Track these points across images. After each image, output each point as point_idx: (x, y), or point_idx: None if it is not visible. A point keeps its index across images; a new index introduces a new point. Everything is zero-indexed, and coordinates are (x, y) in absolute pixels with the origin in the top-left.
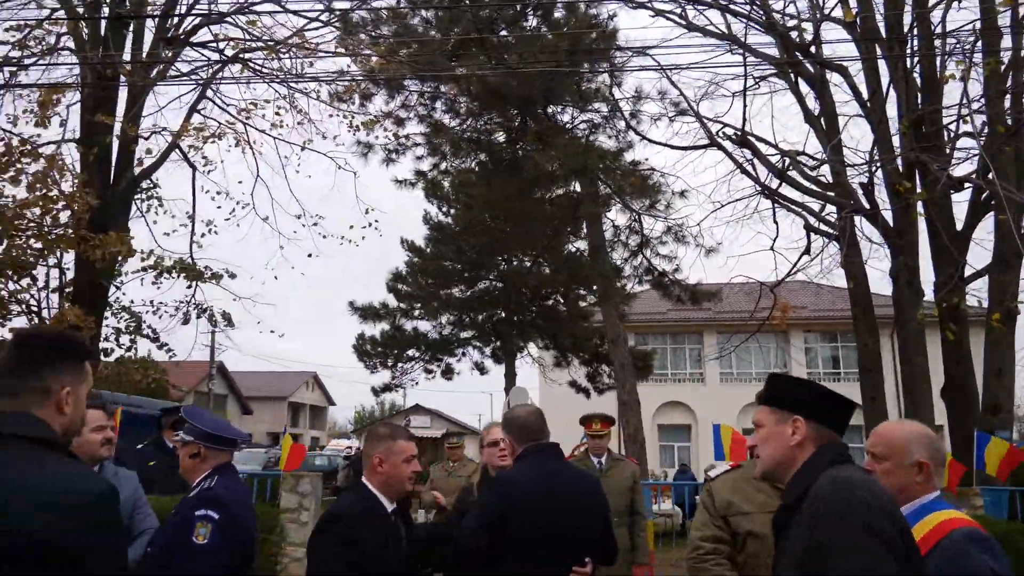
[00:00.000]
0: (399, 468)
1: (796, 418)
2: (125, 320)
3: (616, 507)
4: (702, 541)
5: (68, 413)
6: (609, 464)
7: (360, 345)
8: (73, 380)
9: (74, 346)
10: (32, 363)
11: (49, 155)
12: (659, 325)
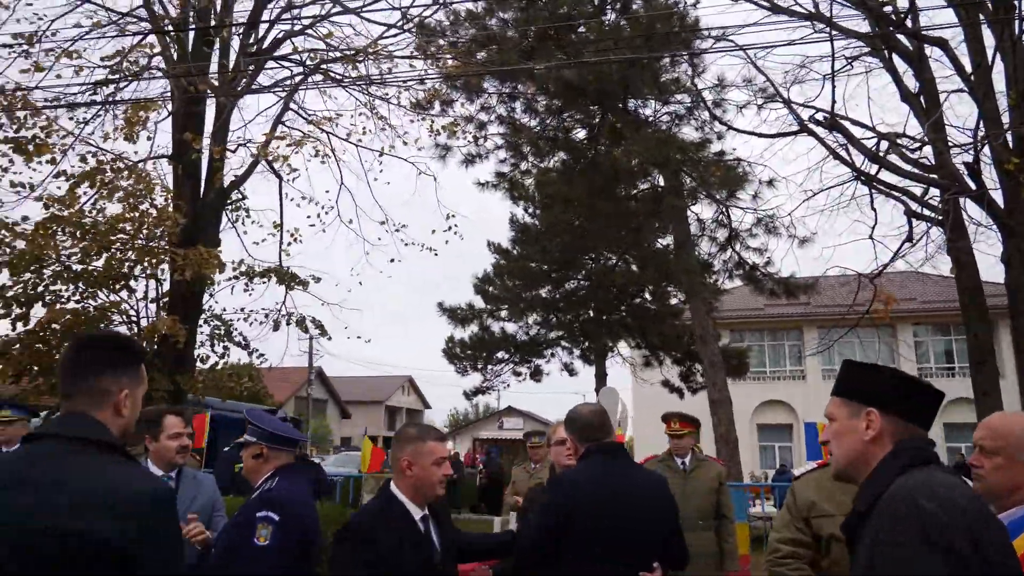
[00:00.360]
0: (428, 471)
1: (870, 411)
2: (215, 327)
3: (700, 509)
4: (780, 543)
5: (125, 415)
6: (693, 465)
7: (450, 348)
8: (131, 383)
9: (130, 349)
10: (89, 366)
11: (140, 170)
12: (755, 321)
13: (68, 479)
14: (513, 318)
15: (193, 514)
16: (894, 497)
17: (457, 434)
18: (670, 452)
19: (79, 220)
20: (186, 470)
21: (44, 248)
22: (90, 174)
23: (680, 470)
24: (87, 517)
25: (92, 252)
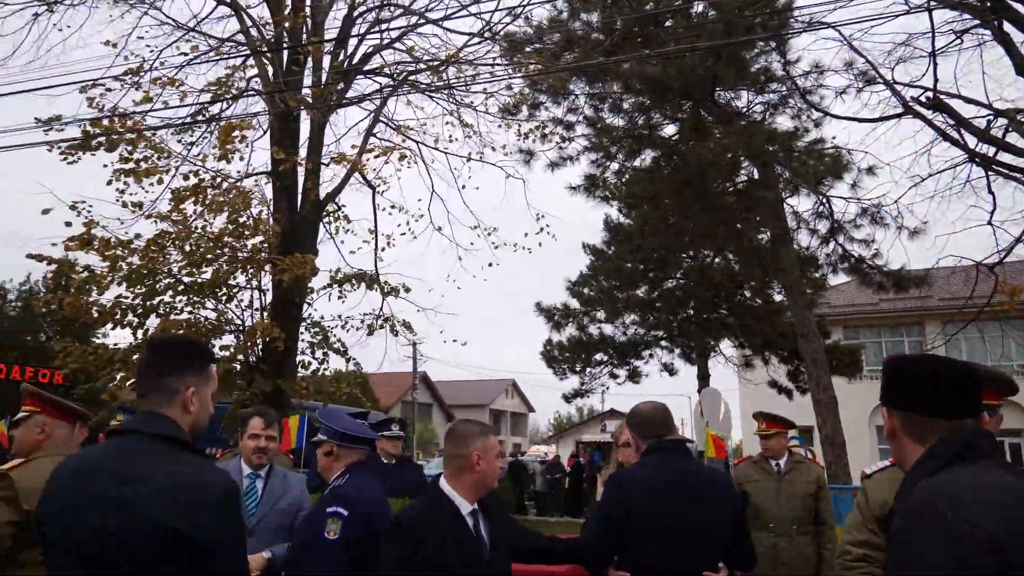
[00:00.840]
0: (493, 464)
1: (884, 409)
2: (313, 334)
3: (795, 513)
4: (851, 546)
5: (193, 411)
6: (789, 467)
7: (548, 351)
8: (197, 381)
9: (198, 350)
10: (160, 366)
11: (237, 186)
12: (870, 317)
13: (141, 472)
14: (609, 319)
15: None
16: (912, 497)
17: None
18: (763, 455)
19: (186, 235)
20: (276, 468)
21: (156, 263)
22: (194, 191)
23: (773, 472)
24: (159, 508)
25: (198, 264)
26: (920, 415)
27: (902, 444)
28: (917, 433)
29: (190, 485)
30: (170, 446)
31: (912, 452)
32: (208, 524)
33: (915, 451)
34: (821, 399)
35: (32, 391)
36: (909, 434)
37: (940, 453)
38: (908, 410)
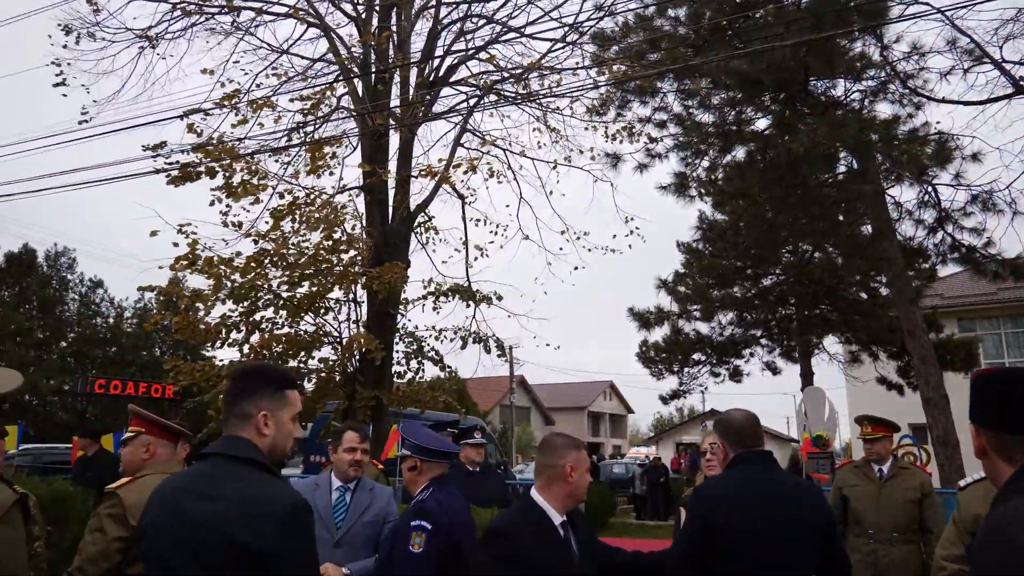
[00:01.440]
0: (585, 478)
1: (972, 427)
2: (408, 344)
3: (896, 520)
4: (945, 561)
5: (268, 434)
6: (892, 472)
7: (644, 352)
8: (270, 405)
9: (272, 375)
10: (236, 393)
11: (331, 202)
12: (988, 307)
13: (222, 492)
14: (705, 318)
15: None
16: (990, 519)
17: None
18: (866, 459)
19: (283, 252)
20: (364, 481)
21: (257, 280)
22: (290, 209)
23: (876, 478)
24: (234, 525)
25: (297, 280)
26: (1009, 434)
27: (992, 463)
28: (1007, 453)
29: (258, 501)
30: (245, 466)
31: (1002, 472)
32: (273, 536)
33: (1005, 471)
34: (931, 398)
35: (137, 412)
36: (998, 453)
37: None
38: (997, 429)
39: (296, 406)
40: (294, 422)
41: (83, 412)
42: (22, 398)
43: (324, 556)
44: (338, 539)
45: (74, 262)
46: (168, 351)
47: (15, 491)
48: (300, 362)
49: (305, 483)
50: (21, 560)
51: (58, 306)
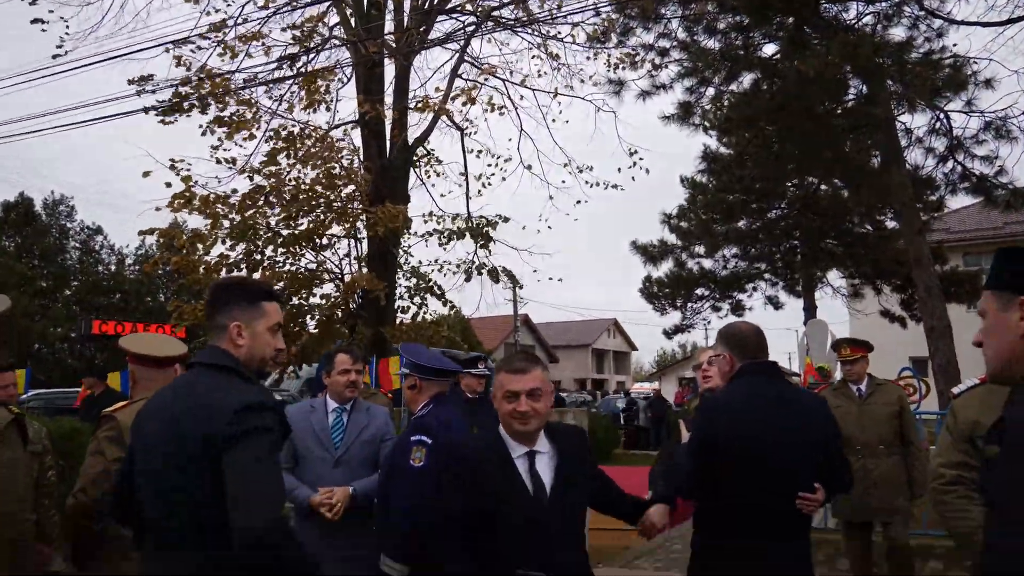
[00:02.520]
0: (503, 405)
1: (1023, 300)
2: (412, 280)
3: (881, 435)
4: (943, 468)
5: (243, 344)
6: (870, 389)
7: (647, 288)
8: (244, 316)
9: (244, 287)
10: (211, 306)
11: (326, 136)
12: (994, 241)
13: (194, 394)
14: (709, 253)
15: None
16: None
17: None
18: (844, 380)
19: (280, 188)
20: (359, 402)
21: (254, 217)
22: (285, 143)
23: (855, 397)
24: (194, 422)
25: (295, 217)
26: None
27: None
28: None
29: (217, 399)
30: (219, 373)
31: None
32: (224, 426)
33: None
34: (935, 327)
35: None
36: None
37: None
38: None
39: (273, 317)
40: (272, 333)
41: (91, 358)
42: (31, 347)
43: (324, 476)
44: (337, 458)
45: (72, 210)
46: (172, 296)
47: (11, 411)
48: (302, 300)
49: (300, 406)
50: (20, 478)
51: (59, 255)
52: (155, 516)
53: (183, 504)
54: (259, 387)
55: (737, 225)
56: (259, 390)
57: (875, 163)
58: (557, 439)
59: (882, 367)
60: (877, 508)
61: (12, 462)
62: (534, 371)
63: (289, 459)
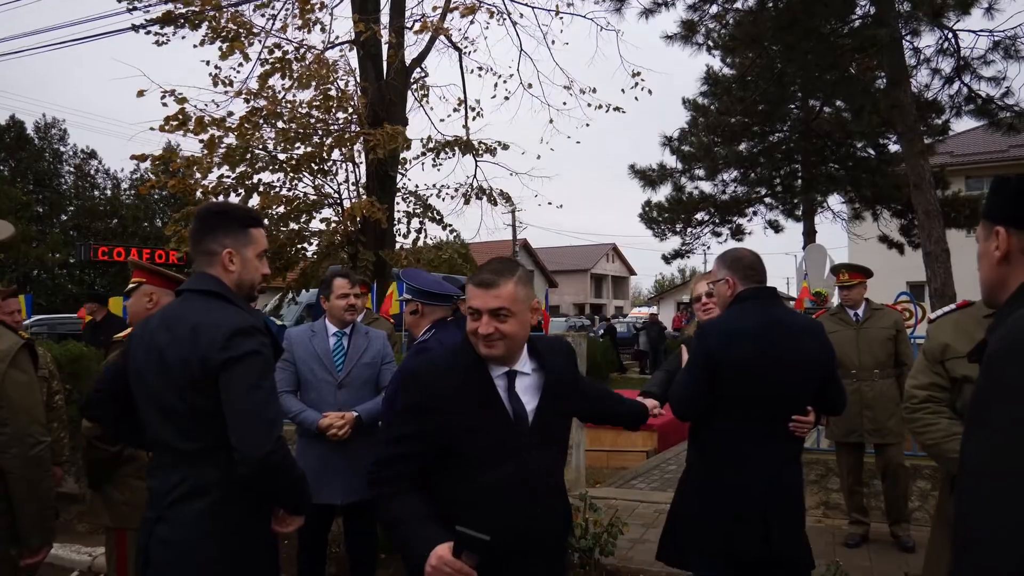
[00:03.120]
0: (471, 323)
1: (997, 229)
2: (412, 204)
3: (876, 358)
4: (916, 389)
5: (234, 270)
6: (867, 314)
7: (647, 212)
8: (235, 242)
9: (234, 213)
10: (203, 231)
11: (321, 58)
12: (998, 165)
13: (184, 320)
14: (709, 176)
15: (337, 414)
16: (1014, 327)
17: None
18: (842, 305)
19: (277, 111)
20: (358, 326)
21: (251, 140)
22: (279, 64)
23: (852, 321)
24: (188, 348)
25: (292, 140)
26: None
27: (1009, 269)
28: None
29: (208, 323)
30: (209, 298)
31: (1015, 277)
32: (217, 350)
33: (1018, 275)
34: (933, 251)
35: (138, 264)
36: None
37: None
38: None
39: (260, 243)
40: (260, 259)
41: (91, 283)
42: (31, 272)
43: (327, 398)
44: (340, 381)
45: (65, 133)
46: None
47: (21, 336)
48: (302, 225)
49: (301, 330)
50: (36, 402)
51: (54, 179)
52: (162, 437)
53: (188, 424)
54: (248, 311)
55: (738, 148)
56: (248, 314)
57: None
58: (542, 357)
59: (880, 292)
60: (869, 429)
61: (28, 384)
62: (502, 286)
63: (292, 383)
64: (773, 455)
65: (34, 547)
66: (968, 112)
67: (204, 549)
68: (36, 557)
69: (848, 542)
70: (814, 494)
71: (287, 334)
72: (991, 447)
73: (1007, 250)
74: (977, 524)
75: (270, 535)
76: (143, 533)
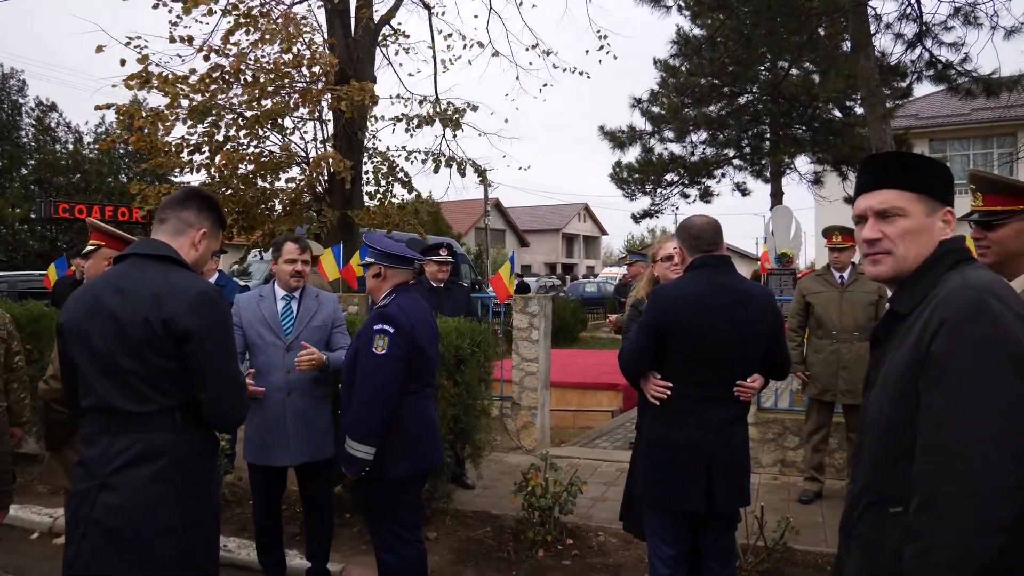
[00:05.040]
0: None
1: (949, 210)
2: (377, 164)
3: (857, 321)
4: None
5: (199, 251)
6: (852, 278)
7: (617, 173)
8: (210, 229)
9: (219, 210)
10: (185, 204)
11: (288, 13)
12: (959, 128)
13: (138, 284)
14: (679, 138)
15: (305, 343)
16: (963, 294)
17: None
18: (828, 266)
19: (241, 68)
20: (309, 289)
21: (215, 97)
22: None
23: (837, 284)
24: (148, 309)
25: (258, 98)
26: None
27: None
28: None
29: (170, 287)
30: (164, 263)
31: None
32: (184, 315)
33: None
34: None
35: (96, 225)
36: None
37: (953, 253)
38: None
39: (217, 245)
40: (214, 259)
41: (53, 239)
42: None
43: (276, 360)
44: (288, 344)
45: (24, 84)
46: (134, 177)
47: None
48: (267, 184)
49: (249, 295)
50: None
51: (13, 132)
52: (108, 401)
53: (141, 386)
54: (199, 276)
55: (707, 110)
56: (203, 280)
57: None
58: None
59: None
60: (843, 390)
61: None
62: None
63: (240, 347)
64: (718, 415)
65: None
66: (928, 77)
67: (158, 513)
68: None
69: (802, 498)
70: (771, 452)
71: (236, 299)
72: (959, 405)
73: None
74: (950, 480)
75: (217, 496)
76: (82, 503)
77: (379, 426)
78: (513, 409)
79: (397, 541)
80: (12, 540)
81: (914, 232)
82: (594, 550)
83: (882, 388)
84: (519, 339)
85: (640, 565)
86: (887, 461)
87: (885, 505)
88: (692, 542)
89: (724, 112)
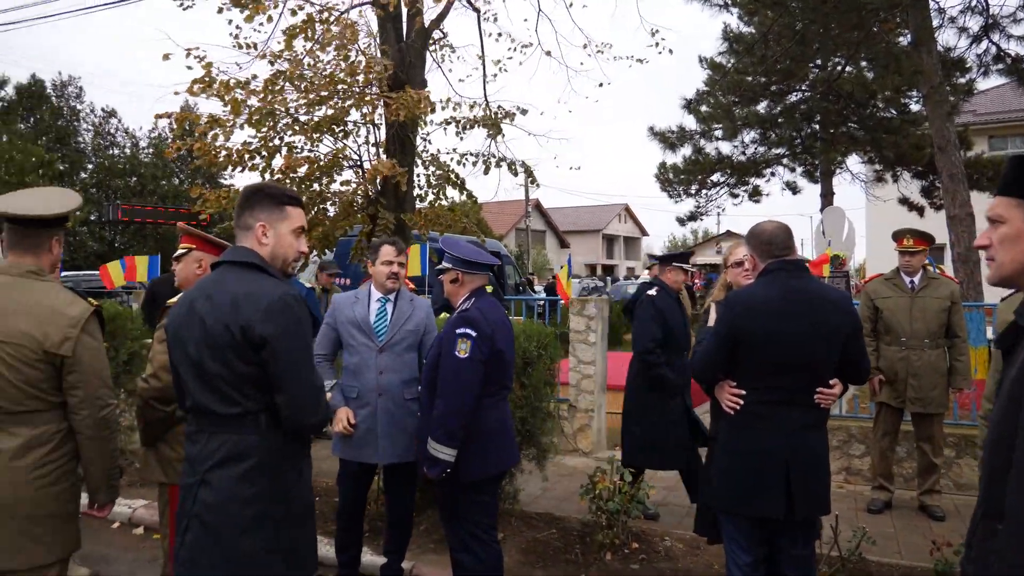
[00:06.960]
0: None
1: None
2: (432, 169)
3: (929, 327)
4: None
5: (268, 244)
6: (923, 283)
7: (662, 174)
8: (269, 217)
9: (271, 191)
10: (241, 208)
11: (343, 18)
12: (1022, 124)
13: (223, 291)
14: (728, 137)
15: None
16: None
17: None
18: (898, 270)
19: (299, 73)
20: (404, 292)
21: (273, 103)
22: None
23: (907, 289)
24: (229, 316)
25: (314, 103)
26: None
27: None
28: None
29: (248, 294)
30: (246, 270)
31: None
32: (260, 321)
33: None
34: (957, 215)
35: (188, 230)
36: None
37: None
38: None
39: (296, 220)
40: (296, 236)
41: (111, 241)
42: None
43: (369, 361)
44: (382, 346)
45: (81, 91)
46: (188, 180)
47: (90, 303)
48: (323, 186)
49: (345, 296)
50: (104, 365)
51: (73, 137)
52: (203, 402)
53: (228, 390)
54: (282, 281)
55: (757, 109)
56: (284, 285)
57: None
58: None
59: (895, 256)
60: (912, 398)
61: (97, 350)
62: None
63: (331, 347)
64: (795, 421)
65: (103, 503)
66: (996, 71)
67: (246, 511)
68: (102, 512)
69: (871, 507)
70: (836, 459)
71: (334, 299)
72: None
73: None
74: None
75: (309, 496)
76: (186, 498)
77: (461, 429)
78: (570, 412)
79: (474, 542)
80: (94, 529)
81: (1011, 239)
82: (661, 555)
83: (998, 399)
84: (576, 341)
85: (709, 571)
86: (993, 474)
87: (992, 520)
88: (770, 551)
89: (775, 111)
